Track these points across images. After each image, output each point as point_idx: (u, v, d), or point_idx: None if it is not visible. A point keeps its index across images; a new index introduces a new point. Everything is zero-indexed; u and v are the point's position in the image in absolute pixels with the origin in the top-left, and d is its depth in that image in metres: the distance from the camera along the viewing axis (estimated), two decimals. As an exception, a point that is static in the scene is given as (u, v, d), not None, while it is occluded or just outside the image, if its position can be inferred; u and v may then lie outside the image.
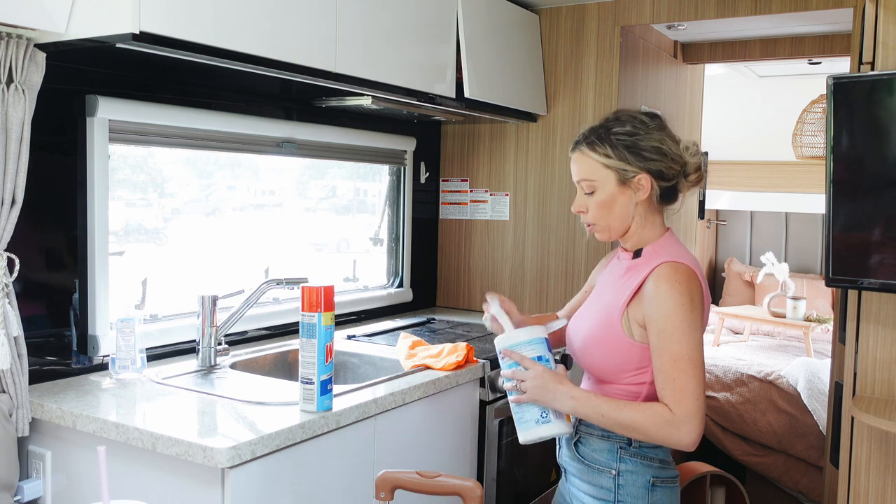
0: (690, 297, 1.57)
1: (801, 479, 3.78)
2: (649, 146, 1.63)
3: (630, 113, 1.69)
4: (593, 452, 1.68)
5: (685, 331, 1.55)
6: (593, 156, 1.66)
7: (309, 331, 1.72)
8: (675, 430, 1.52)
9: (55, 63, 1.79)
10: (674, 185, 1.67)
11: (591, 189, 1.67)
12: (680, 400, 1.52)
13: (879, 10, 2.00)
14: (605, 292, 1.73)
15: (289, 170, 2.90)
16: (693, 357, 1.54)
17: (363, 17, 2.19)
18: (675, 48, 3.55)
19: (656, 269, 1.61)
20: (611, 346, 1.65)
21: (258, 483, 1.62)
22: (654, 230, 1.69)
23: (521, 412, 1.66)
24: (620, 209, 1.66)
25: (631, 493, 1.63)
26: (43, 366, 1.98)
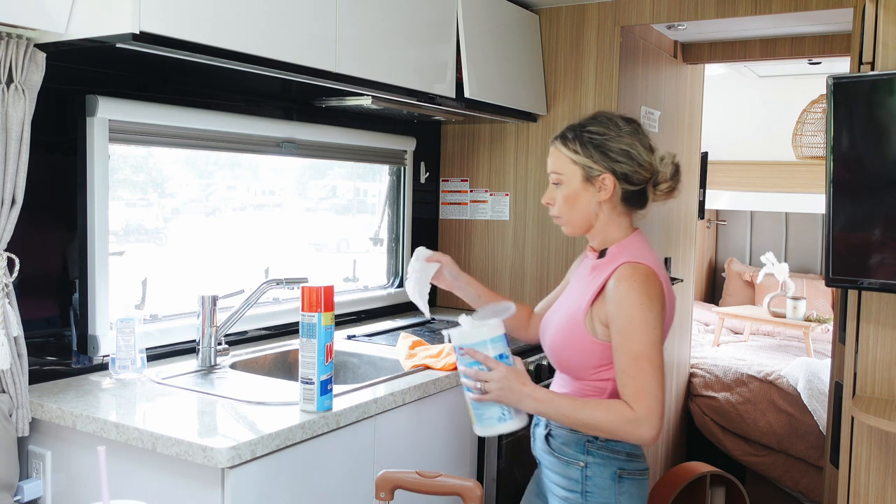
0: (650, 297, 1.61)
1: (801, 479, 3.78)
2: (618, 148, 1.69)
3: (608, 115, 1.75)
4: (563, 445, 1.74)
5: (644, 330, 1.59)
6: (564, 150, 1.72)
7: (309, 331, 1.72)
8: (636, 427, 1.56)
9: (55, 63, 1.79)
10: (641, 190, 1.71)
11: (559, 181, 1.73)
12: (640, 398, 1.56)
13: (879, 10, 2.00)
14: (573, 291, 1.79)
15: (289, 170, 2.90)
16: (651, 356, 1.58)
17: (363, 17, 2.19)
18: (675, 48, 3.55)
19: (618, 269, 1.65)
20: (576, 344, 1.70)
21: (258, 483, 1.62)
22: (619, 231, 1.74)
23: (482, 409, 1.68)
24: (583, 205, 1.72)
25: (598, 485, 1.69)
26: (43, 366, 1.98)
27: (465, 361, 1.68)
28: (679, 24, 3.14)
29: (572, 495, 1.71)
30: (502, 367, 1.65)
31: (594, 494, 1.69)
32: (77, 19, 1.66)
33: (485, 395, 1.65)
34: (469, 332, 1.68)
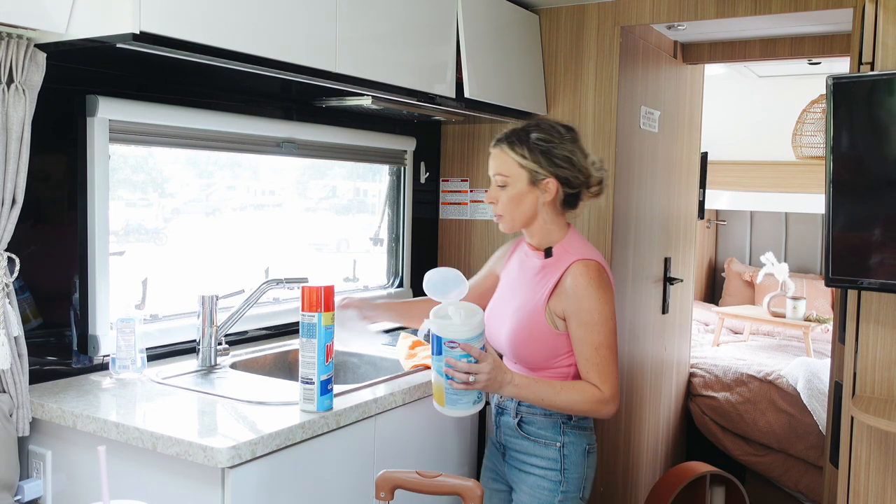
0: (604, 291, 1.82)
1: (800, 479, 3.78)
2: (561, 154, 1.84)
3: (550, 122, 1.90)
4: (539, 430, 1.89)
5: (603, 322, 1.82)
6: (511, 154, 1.85)
7: (309, 331, 1.72)
8: (605, 405, 1.82)
9: (55, 63, 1.79)
10: (577, 192, 1.88)
11: (504, 183, 1.86)
12: (605, 381, 1.82)
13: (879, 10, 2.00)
14: (519, 291, 1.92)
15: (289, 170, 2.90)
16: (611, 344, 1.83)
17: (363, 17, 2.19)
18: (675, 48, 3.55)
19: (571, 266, 1.83)
20: (540, 340, 1.85)
21: (258, 483, 1.63)
22: (558, 230, 1.90)
23: (460, 395, 1.77)
24: (527, 206, 1.86)
25: (573, 462, 1.89)
26: (43, 366, 1.98)
27: (456, 354, 1.73)
28: (679, 24, 3.14)
29: (551, 473, 1.88)
30: (490, 359, 1.75)
31: (570, 470, 1.88)
32: (77, 19, 1.66)
33: (472, 385, 1.74)
34: (460, 326, 1.74)
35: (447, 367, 1.73)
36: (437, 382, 1.79)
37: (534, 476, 1.90)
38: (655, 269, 3.45)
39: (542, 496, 1.88)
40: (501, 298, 1.98)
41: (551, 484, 1.88)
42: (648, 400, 3.51)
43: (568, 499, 1.89)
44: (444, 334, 1.73)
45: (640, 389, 3.40)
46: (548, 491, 1.88)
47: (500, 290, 2.02)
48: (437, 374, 1.77)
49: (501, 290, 2.01)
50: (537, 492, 1.89)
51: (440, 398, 1.79)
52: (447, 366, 1.73)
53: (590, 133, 2.99)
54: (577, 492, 1.90)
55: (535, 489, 1.89)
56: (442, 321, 1.74)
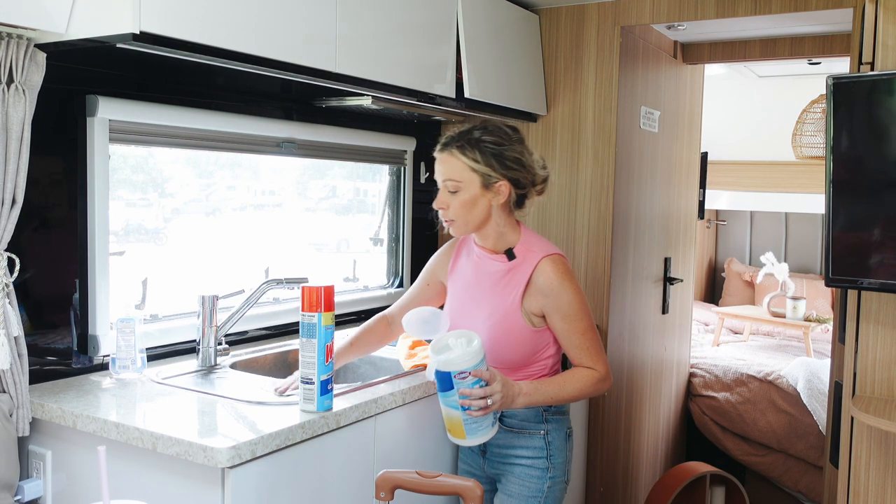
0: (573, 280, 1.88)
1: (800, 479, 3.78)
2: (512, 156, 1.84)
3: (496, 124, 1.90)
4: (524, 421, 1.94)
5: (582, 308, 1.88)
6: (462, 159, 1.83)
7: (309, 331, 1.72)
8: (604, 382, 1.89)
9: (55, 63, 1.79)
10: (525, 193, 1.90)
11: (456, 188, 1.85)
12: (598, 360, 1.89)
13: (879, 10, 2.00)
14: (486, 297, 1.92)
15: (289, 170, 2.90)
16: (592, 326, 1.90)
17: (363, 17, 2.19)
18: (675, 48, 3.55)
19: (539, 265, 1.86)
20: (520, 340, 1.89)
21: (258, 483, 1.63)
22: (511, 231, 1.92)
23: (478, 421, 1.78)
24: (480, 210, 1.85)
25: (557, 447, 1.95)
26: (43, 366, 1.98)
27: (467, 383, 1.73)
28: (679, 24, 3.14)
29: (538, 461, 1.93)
30: (498, 376, 1.77)
31: (555, 456, 1.94)
32: (77, 19, 1.66)
33: (490, 408, 1.76)
34: (466, 354, 1.74)
35: (462, 398, 1.74)
36: (452, 418, 1.79)
37: (521, 466, 1.93)
38: (655, 269, 3.45)
39: (531, 484, 1.92)
40: (463, 306, 1.97)
41: (539, 472, 1.92)
42: (648, 400, 3.52)
43: (555, 483, 1.94)
44: (453, 367, 1.73)
45: (640, 389, 3.40)
46: (537, 479, 1.92)
47: (456, 297, 2.01)
48: (451, 409, 1.78)
49: (458, 297, 2.00)
50: (526, 481, 1.92)
51: (459, 432, 1.79)
52: (462, 397, 1.74)
53: (590, 133, 2.99)
54: (562, 476, 1.96)
55: (523, 479, 1.93)
56: (447, 355, 1.74)
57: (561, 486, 1.96)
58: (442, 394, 1.78)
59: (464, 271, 2.00)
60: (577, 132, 3.02)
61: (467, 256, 2.00)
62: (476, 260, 1.97)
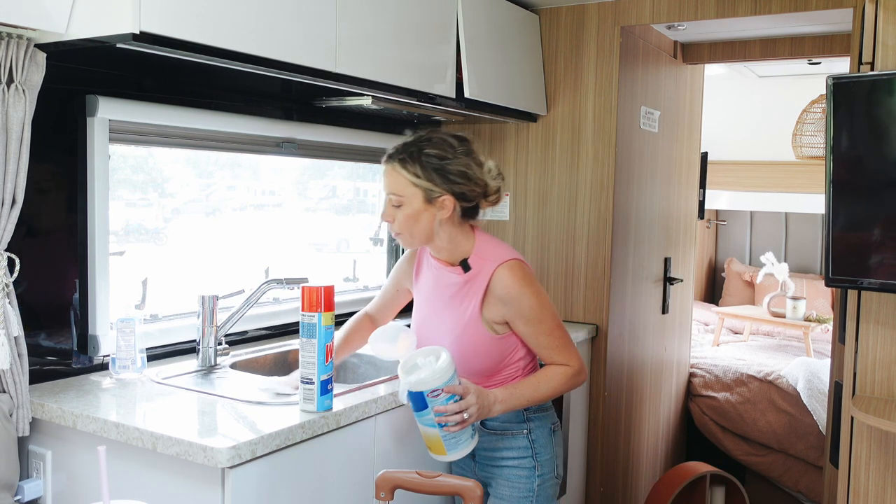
0: (533, 282, 1.85)
1: (800, 479, 3.78)
2: (456, 170, 1.79)
3: (441, 136, 1.84)
4: (505, 422, 1.92)
5: (544, 309, 1.85)
6: (404, 173, 1.79)
7: (309, 331, 1.72)
8: (580, 376, 1.88)
9: (55, 63, 1.79)
10: (475, 205, 1.86)
11: (399, 203, 1.82)
12: (569, 356, 1.87)
13: (879, 10, 2.00)
14: (447, 310, 1.90)
15: (289, 170, 2.90)
16: (559, 324, 1.88)
17: (363, 17, 2.19)
18: (675, 48, 3.55)
19: (495, 273, 1.83)
20: (485, 350, 1.87)
21: (258, 483, 1.62)
22: (465, 241, 1.88)
23: (456, 436, 1.76)
24: (425, 224, 1.82)
25: (542, 444, 1.93)
26: (43, 366, 1.98)
27: (441, 401, 1.72)
28: (679, 24, 3.14)
29: (525, 461, 1.91)
30: (472, 388, 1.76)
31: (541, 454, 1.93)
32: (77, 19, 1.66)
33: (467, 421, 1.74)
34: (436, 372, 1.71)
35: (438, 416, 1.72)
36: (430, 436, 1.77)
37: (508, 468, 1.92)
38: (655, 269, 3.45)
39: (521, 485, 1.91)
40: (427, 321, 1.96)
41: (527, 471, 1.91)
42: (648, 400, 3.52)
43: (545, 481, 1.93)
44: (425, 387, 1.71)
45: (640, 389, 3.40)
46: (525, 479, 1.91)
47: (420, 311, 1.99)
48: (428, 428, 1.76)
49: (422, 311, 1.98)
50: (514, 482, 1.92)
51: (439, 449, 1.77)
52: (438, 415, 1.72)
53: (590, 133, 2.99)
54: (551, 472, 1.95)
55: (511, 480, 1.92)
56: (417, 376, 1.71)
57: (551, 483, 1.95)
58: (417, 414, 1.75)
59: (426, 283, 1.97)
60: (577, 132, 3.02)
61: (427, 268, 1.96)
62: (435, 272, 1.93)
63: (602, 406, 3.04)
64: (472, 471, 2.01)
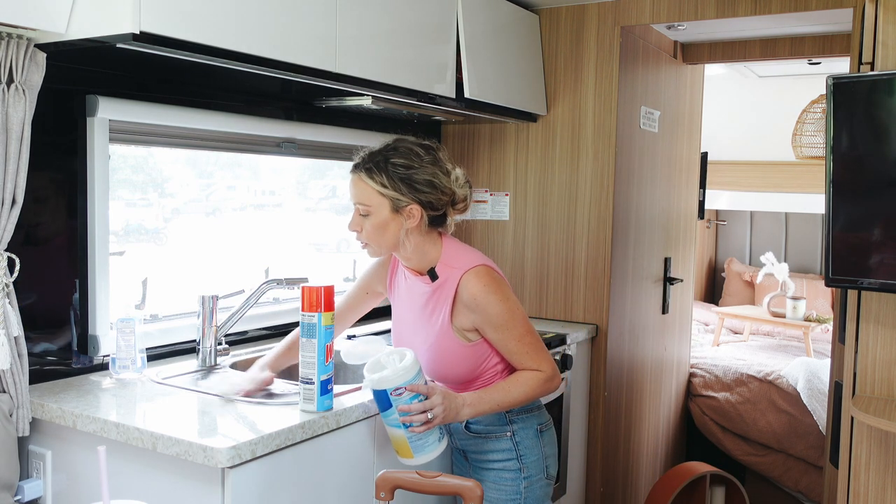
0: (501, 288, 1.83)
1: (800, 479, 3.78)
2: (422, 179, 1.79)
3: (408, 144, 1.83)
4: (487, 425, 1.92)
5: (513, 315, 1.82)
6: (370, 183, 1.79)
7: (309, 331, 1.72)
8: (551, 382, 1.85)
9: (55, 63, 1.79)
10: (442, 213, 1.85)
11: (367, 212, 1.81)
12: (541, 361, 1.84)
13: (879, 10, 2.00)
14: (419, 320, 1.90)
15: (289, 170, 2.90)
16: (529, 329, 1.85)
17: (363, 17, 2.19)
18: (675, 48, 3.55)
19: (461, 281, 1.82)
20: (459, 358, 1.87)
21: (258, 483, 1.63)
22: (433, 249, 1.87)
23: (422, 438, 1.77)
24: (392, 233, 1.81)
25: (527, 446, 1.92)
26: (43, 366, 1.98)
27: (404, 399, 1.73)
28: (679, 24, 3.14)
29: (509, 463, 1.91)
30: (438, 389, 1.76)
31: (526, 455, 1.91)
32: (77, 19, 1.66)
33: (432, 422, 1.74)
34: (399, 371, 1.73)
35: (402, 415, 1.73)
36: (396, 438, 1.78)
37: (494, 471, 1.93)
38: (655, 269, 3.45)
39: (507, 488, 1.91)
40: (403, 332, 1.97)
41: (512, 474, 1.91)
42: (648, 400, 3.52)
43: (533, 483, 1.92)
44: (388, 385, 1.73)
45: (640, 389, 3.40)
46: (510, 481, 1.91)
47: (396, 321, 2.00)
48: (394, 429, 1.77)
49: (398, 321, 2.00)
50: (501, 485, 1.92)
51: (406, 451, 1.79)
52: (402, 414, 1.73)
53: (590, 133, 2.99)
54: (539, 473, 1.93)
55: (497, 482, 1.92)
56: (380, 375, 1.73)
57: (540, 485, 1.94)
58: (383, 414, 1.77)
59: (400, 291, 1.98)
60: (577, 132, 3.02)
61: (402, 276, 1.97)
62: (407, 282, 1.94)
63: (602, 406, 3.04)
64: (467, 472, 2.01)
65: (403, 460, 1.82)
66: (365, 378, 1.77)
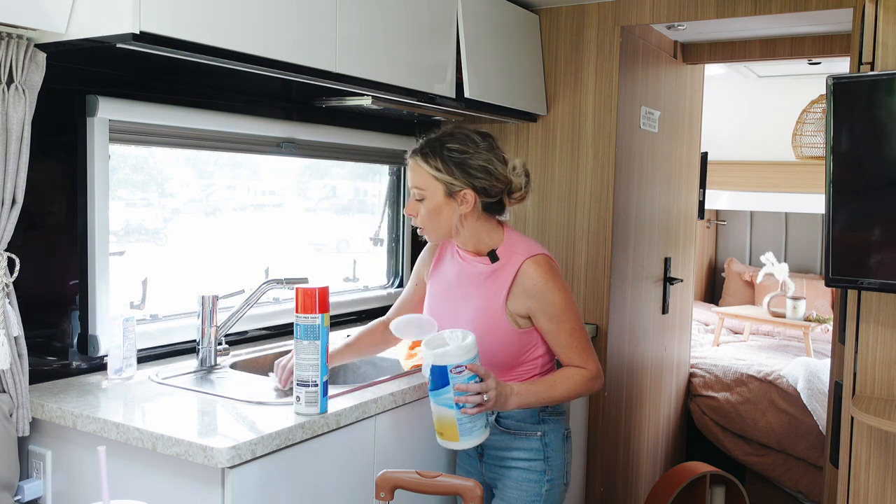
0: (560, 279, 1.86)
1: (800, 479, 3.78)
2: (477, 164, 1.81)
3: (465, 131, 1.86)
4: (520, 422, 1.91)
5: (569, 308, 1.85)
6: (426, 167, 1.82)
7: (311, 332, 1.71)
8: (596, 381, 1.87)
9: (55, 63, 1.79)
10: (498, 200, 1.87)
11: (422, 196, 1.84)
12: (588, 359, 1.86)
13: (879, 10, 2.00)
14: (470, 298, 1.90)
15: (289, 170, 2.90)
16: (581, 325, 1.88)
17: (363, 17, 2.19)
18: (675, 48, 3.55)
19: (523, 266, 1.84)
20: (505, 341, 1.87)
21: (258, 483, 1.63)
22: (492, 233, 1.90)
23: (472, 421, 1.75)
24: (446, 218, 1.84)
25: (555, 449, 1.92)
26: (43, 366, 1.98)
27: (463, 378, 1.71)
28: (679, 24, 3.14)
29: (535, 464, 1.90)
30: (492, 375, 1.75)
31: (552, 458, 1.91)
32: (77, 19, 1.66)
33: (484, 405, 1.72)
34: (461, 348, 1.72)
35: (458, 395, 1.71)
36: (445, 418, 1.75)
37: (518, 469, 1.91)
38: (655, 269, 3.45)
39: (528, 488, 1.89)
40: (446, 307, 1.95)
41: (537, 475, 1.90)
42: (648, 400, 3.52)
43: (554, 486, 1.91)
44: (448, 361, 1.71)
45: (640, 389, 3.40)
46: (534, 482, 1.89)
47: (436, 298, 1.99)
48: (444, 409, 1.74)
49: (439, 298, 1.98)
50: (524, 485, 1.90)
51: (452, 434, 1.75)
52: (458, 394, 1.70)
53: (590, 133, 2.99)
54: (560, 478, 1.93)
55: (520, 482, 1.90)
56: (442, 350, 1.71)
57: (560, 489, 1.93)
58: (435, 392, 1.74)
59: (446, 273, 1.97)
60: (577, 132, 3.02)
61: (451, 258, 1.97)
62: (460, 262, 1.94)
63: (602, 406, 3.04)
64: (478, 472, 2.00)
65: (446, 443, 1.78)
66: (424, 352, 1.74)
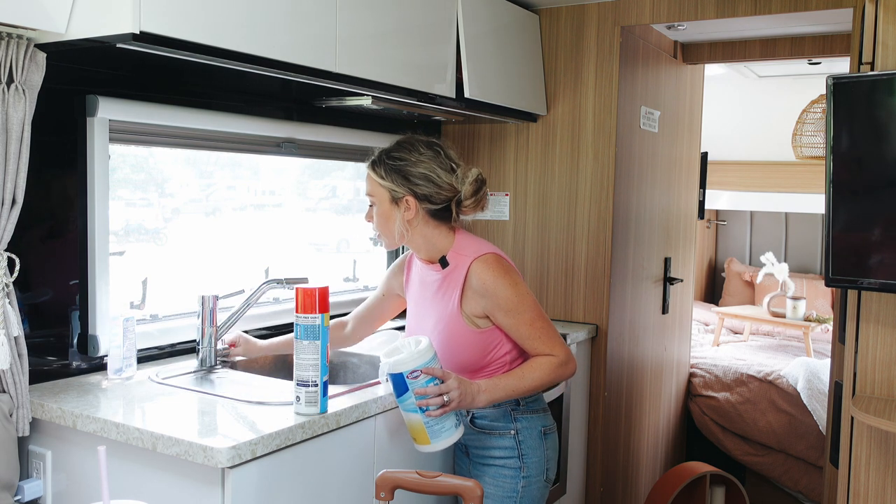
0: (510, 274, 1.88)
1: (800, 479, 3.78)
2: (417, 172, 1.88)
3: (413, 140, 1.93)
4: (492, 422, 1.95)
5: (523, 300, 1.87)
6: (373, 175, 1.93)
7: (310, 332, 1.71)
8: (567, 365, 1.89)
9: (55, 63, 1.79)
10: (445, 207, 1.90)
11: (372, 203, 1.95)
12: (554, 345, 1.88)
13: (879, 10, 2.00)
14: (431, 307, 1.96)
15: (289, 170, 2.90)
16: (540, 314, 1.89)
17: (363, 17, 2.19)
18: (675, 48, 3.55)
19: (471, 267, 1.88)
20: (468, 344, 1.90)
21: (258, 483, 1.63)
22: (443, 239, 1.94)
23: (439, 423, 1.79)
24: (394, 223, 1.91)
25: (530, 446, 1.94)
26: (43, 366, 1.98)
27: (420, 383, 1.75)
28: (679, 24, 3.14)
29: (510, 461, 1.93)
30: (453, 374, 1.79)
31: (528, 455, 1.94)
32: (77, 19, 1.66)
33: (448, 405, 1.76)
34: (415, 354, 1.76)
35: (418, 399, 1.76)
36: (413, 423, 1.81)
37: (494, 467, 1.95)
38: (655, 269, 3.45)
39: (504, 485, 1.93)
40: (416, 319, 2.03)
41: (512, 472, 1.93)
42: (648, 400, 3.52)
43: (531, 483, 1.94)
44: (404, 368, 1.76)
45: (640, 389, 3.40)
46: (509, 479, 1.93)
47: (411, 311, 2.07)
48: (410, 414, 1.80)
49: (412, 311, 2.06)
50: (499, 481, 1.94)
51: (423, 438, 1.81)
52: (418, 398, 1.76)
53: (590, 133, 2.99)
54: (539, 475, 1.95)
55: (496, 479, 1.94)
56: (396, 358, 1.77)
57: (539, 486, 1.96)
58: (399, 399, 1.80)
59: (414, 284, 2.05)
60: (577, 132, 3.02)
61: (416, 271, 2.05)
62: (419, 271, 2.01)
63: (602, 406, 3.04)
64: (467, 470, 2.03)
65: (420, 447, 1.83)
66: (381, 363, 1.81)
